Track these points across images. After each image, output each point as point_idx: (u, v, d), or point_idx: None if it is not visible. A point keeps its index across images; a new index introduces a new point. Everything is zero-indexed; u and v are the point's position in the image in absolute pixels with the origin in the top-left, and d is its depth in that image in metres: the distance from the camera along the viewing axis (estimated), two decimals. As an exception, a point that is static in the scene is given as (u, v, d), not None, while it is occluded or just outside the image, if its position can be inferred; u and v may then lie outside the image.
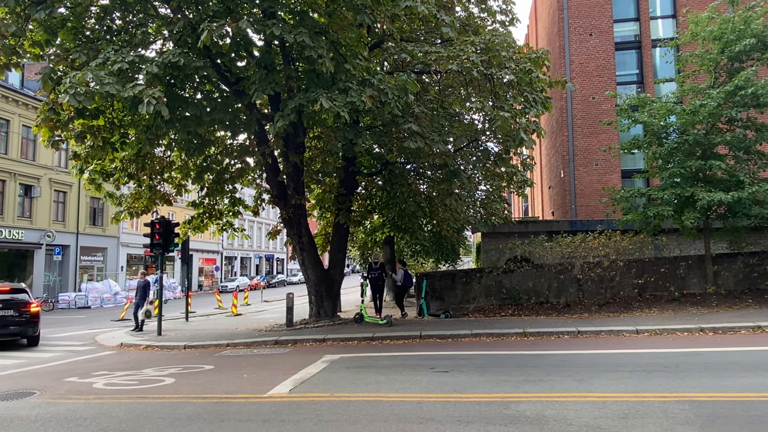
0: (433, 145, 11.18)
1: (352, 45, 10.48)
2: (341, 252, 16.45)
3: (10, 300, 12.75)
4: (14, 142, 29.37)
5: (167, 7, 11.79)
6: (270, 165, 14.57)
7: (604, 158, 21.35)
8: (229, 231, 17.50)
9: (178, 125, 11.79)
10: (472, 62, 10.12)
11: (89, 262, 35.44)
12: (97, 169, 14.03)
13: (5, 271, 29.28)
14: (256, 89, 10.10)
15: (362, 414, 5.89)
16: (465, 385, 6.96)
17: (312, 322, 14.76)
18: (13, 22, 9.86)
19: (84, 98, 8.54)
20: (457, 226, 15.94)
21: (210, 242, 48.14)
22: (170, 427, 5.67)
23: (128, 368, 9.43)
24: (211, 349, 11.81)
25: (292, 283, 55.37)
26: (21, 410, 6.54)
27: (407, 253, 26.47)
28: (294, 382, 7.66)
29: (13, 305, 12.73)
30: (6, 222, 28.59)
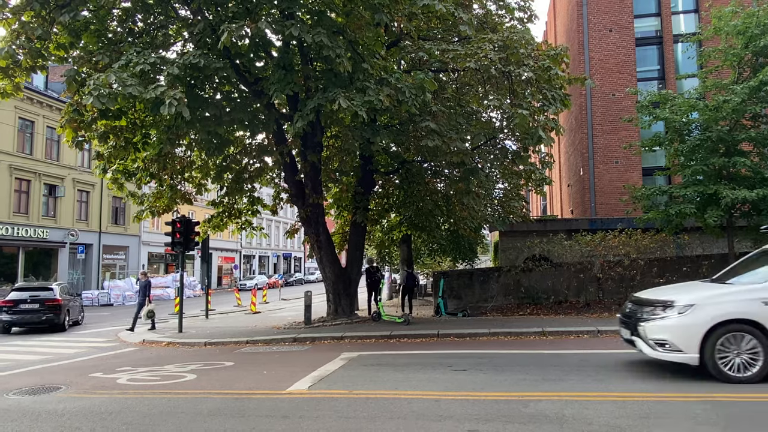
0: (450, 143, 11.16)
1: (369, 44, 10.52)
2: (358, 250, 16.51)
3: (38, 296, 16.36)
4: (39, 143, 30.04)
5: (187, 8, 11.96)
6: (288, 164, 14.70)
7: (624, 156, 21.06)
8: (248, 230, 17.68)
9: (199, 125, 11.96)
10: (490, 60, 10.07)
11: (112, 260, 36.11)
12: (119, 169, 14.29)
13: (31, 269, 29.98)
14: (275, 89, 10.20)
15: (381, 411, 5.93)
16: (483, 384, 6.95)
17: (330, 320, 14.85)
18: (38, 25, 10.10)
19: (107, 99, 8.71)
20: (474, 225, 15.88)
21: (229, 241, 48.67)
22: (192, 422, 5.77)
23: (150, 364, 9.61)
24: (231, 346, 11.96)
25: (309, 281, 55.69)
26: (48, 404, 6.72)
27: (424, 252, 26.46)
28: (313, 379, 7.73)
29: (40, 300, 16.25)
30: (31, 221, 29.28)
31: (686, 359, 6.62)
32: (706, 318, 6.52)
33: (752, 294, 6.65)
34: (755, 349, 6.38)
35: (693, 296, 7.00)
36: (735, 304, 6.62)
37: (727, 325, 6.48)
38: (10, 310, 16.11)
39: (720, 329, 6.47)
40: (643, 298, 7.66)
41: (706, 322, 6.49)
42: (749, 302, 6.55)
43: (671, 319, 6.75)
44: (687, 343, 6.56)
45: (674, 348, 6.66)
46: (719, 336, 6.45)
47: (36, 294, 16.47)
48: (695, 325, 6.54)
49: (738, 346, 6.43)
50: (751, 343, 6.39)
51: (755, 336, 6.38)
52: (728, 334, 6.45)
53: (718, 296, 6.92)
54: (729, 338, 6.45)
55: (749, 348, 6.40)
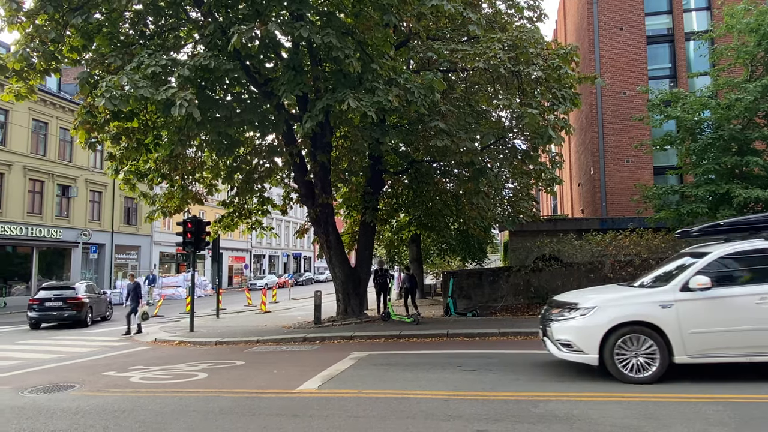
0: (459, 143, 11.16)
1: (378, 45, 10.55)
2: (368, 250, 16.55)
3: (62, 295, 17.86)
4: (52, 144, 30.43)
5: (198, 11, 12.06)
6: (298, 164, 14.77)
7: (635, 155, 20.90)
8: (258, 229, 17.79)
9: (209, 126, 12.06)
10: (499, 59, 10.06)
11: (124, 260, 36.47)
12: (131, 170, 14.45)
13: (44, 269, 30.39)
14: (285, 90, 10.26)
15: (390, 410, 5.95)
16: (493, 384, 6.95)
17: (339, 320, 14.90)
18: (52, 28, 10.24)
19: (119, 101, 8.82)
20: (484, 225, 15.86)
21: (239, 241, 48.95)
22: (203, 420, 5.84)
23: (162, 363, 9.71)
24: (241, 345, 12.05)
25: (319, 281, 55.85)
26: (62, 402, 6.82)
27: (434, 252, 26.43)
28: (323, 378, 7.77)
29: (63, 298, 17.73)
30: (45, 221, 29.66)
31: (587, 359, 6.85)
32: (605, 320, 6.72)
33: (651, 297, 6.82)
34: (653, 350, 6.55)
35: (597, 299, 7.20)
36: (634, 307, 6.80)
37: (625, 327, 6.66)
38: (37, 308, 17.48)
39: (618, 331, 6.66)
40: (555, 301, 7.89)
41: (605, 324, 6.69)
42: (647, 305, 6.72)
43: (574, 321, 6.99)
44: (587, 343, 6.78)
45: (577, 349, 6.89)
46: (618, 337, 6.64)
47: (60, 293, 17.92)
48: (595, 326, 6.74)
49: (636, 348, 6.61)
50: (648, 344, 6.57)
51: (652, 338, 6.56)
52: (626, 335, 6.64)
53: (619, 299, 7.12)
54: (627, 340, 6.64)
55: (647, 349, 6.58)
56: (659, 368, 6.51)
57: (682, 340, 6.49)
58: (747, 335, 6.44)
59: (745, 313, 6.46)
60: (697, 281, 6.51)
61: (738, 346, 6.49)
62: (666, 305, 6.60)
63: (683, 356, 6.51)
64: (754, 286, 6.65)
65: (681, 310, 6.55)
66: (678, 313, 6.54)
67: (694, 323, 6.50)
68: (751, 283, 6.76)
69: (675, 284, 6.75)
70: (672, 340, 6.50)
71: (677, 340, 6.49)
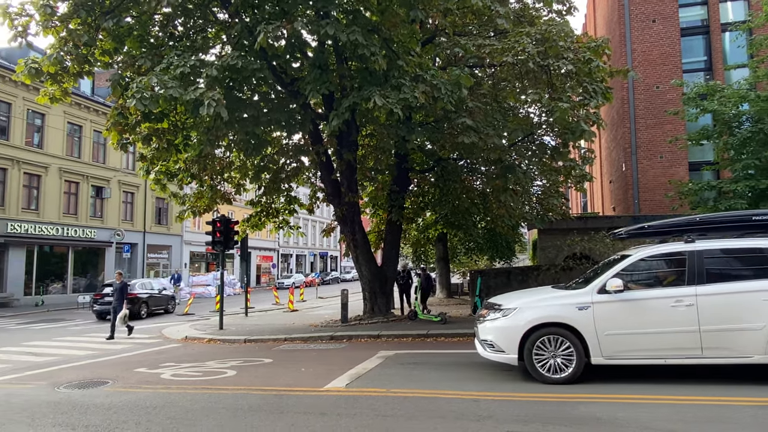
0: (487, 139, 10.98)
1: (404, 41, 10.46)
2: (394, 249, 16.49)
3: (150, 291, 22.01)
4: (86, 147, 31.29)
5: (225, 12, 12.18)
6: (324, 163, 14.80)
7: (669, 150, 20.29)
8: (285, 229, 17.91)
9: (237, 126, 12.17)
10: (528, 54, 9.85)
11: (155, 259, 37.27)
12: (162, 170, 14.70)
13: (80, 268, 31.28)
14: (311, 89, 10.27)
15: (419, 410, 5.87)
16: (525, 384, 6.80)
17: (366, 319, 14.88)
18: (84, 32, 10.46)
19: (149, 102, 8.96)
20: (512, 223, 15.60)
21: (267, 240, 49.50)
22: (233, 417, 5.86)
23: (192, 360, 9.83)
24: (269, 343, 12.13)
25: (345, 280, 56.10)
26: (96, 398, 6.95)
27: (461, 251, 26.21)
28: (350, 377, 7.74)
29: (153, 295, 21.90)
30: (80, 222, 30.53)
31: (508, 360, 7.01)
32: (523, 321, 6.88)
33: (570, 299, 6.91)
34: (570, 351, 6.67)
35: (520, 300, 7.33)
36: (552, 309, 6.91)
37: (544, 328, 6.79)
38: (99, 302, 19.97)
39: (537, 332, 6.79)
40: (487, 302, 8.04)
41: (524, 325, 6.84)
42: (565, 307, 6.82)
43: (497, 322, 7.15)
44: (507, 344, 6.95)
45: (498, 348, 7.06)
46: (537, 338, 6.78)
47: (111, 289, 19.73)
48: (515, 327, 6.90)
49: (554, 349, 6.74)
50: (565, 345, 6.69)
51: (569, 339, 6.67)
52: (545, 336, 6.77)
53: (540, 300, 7.26)
54: (545, 341, 6.77)
55: (564, 350, 6.70)
56: (575, 369, 6.64)
57: (598, 341, 6.58)
58: (662, 338, 6.46)
59: (660, 316, 6.49)
60: (612, 284, 6.58)
61: (653, 348, 6.52)
62: (583, 307, 6.70)
63: (599, 358, 6.61)
64: (670, 288, 6.69)
65: (597, 312, 6.63)
66: (594, 315, 6.63)
67: (610, 325, 6.58)
68: (667, 286, 6.80)
69: (593, 286, 6.83)
70: (588, 341, 6.61)
71: (593, 342, 6.59)
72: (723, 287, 6.47)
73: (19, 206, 26.93)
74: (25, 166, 27.29)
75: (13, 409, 6.38)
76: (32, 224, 27.42)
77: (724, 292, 6.43)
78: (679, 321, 6.40)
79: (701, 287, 6.46)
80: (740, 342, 6.26)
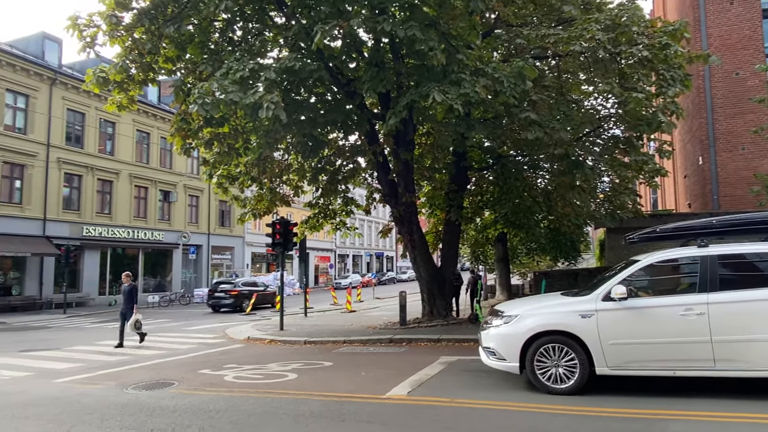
0: (553, 134, 10.38)
1: (463, 35, 10.05)
2: (453, 249, 16.10)
3: (225, 288, 24.57)
4: (154, 153, 32.77)
5: (282, 15, 12.22)
6: (381, 164, 14.62)
7: (752, 141, 18.66)
8: (343, 230, 17.90)
9: (295, 128, 12.19)
10: (598, 41, 9.21)
11: (219, 260, 38.55)
12: (224, 174, 15.02)
13: (149, 269, 32.77)
14: (368, 87, 10.09)
15: (489, 423, 5.51)
16: (605, 398, 6.26)
17: (425, 321, 14.56)
18: (148, 40, 10.78)
19: (211, 107, 9.06)
20: (579, 222, 14.80)
21: (324, 241, 50.14)
22: (294, 423, 5.73)
23: (254, 362, 9.87)
24: (329, 346, 12.06)
25: (401, 280, 55.92)
26: (162, 400, 7.04)
27: (521, 251, 25.36)
28: (412, 383, 7.47)
29: (225, 291, 24.30)
30: (149, 225, 31.99)
31: (509, 368, 6.79)
32: (524, 328, 6.65)
33: (573, 306, 6.63)
34: (573, 360, 6.40)
35: (522, 307, 7.14)
36: (554, 316, 6.65)
37: (546, 336, 6.55)
38: (210, 297, 24.67)
39: (539, 340, 6.56)
40: (492, 308, 7.87)
41: (525, 333, 6.62)
42: (568, 314, 6.55)
43: (498, 329, 6.95)
44: (508, 351, 6.75)
45: (500, 356, 6.87)
46: (539, 346, 6.55)
47: (224, 286, 24.82)
48: (516, 334, 6.69)
49: (557, 358, 6.49)
50: (569, 355, 6.43)
51: (572, 348, 6.41)
52: (546, 345, 6.53)
53: (542, 308, 7.01)
54: (548, 349, 6.53)
55: (567, 360, 6.44)
56: (579, 379, 6.37)
57: (602, 351, 6.30)
58: (670, 348, 6.11)
59: (669, 325, 6.14)
60: (617, 291, 6.28)
61: (661, 358, 6.16)
62: (586, 315, 6.42)
63: (604, 368, 6.33)
64: (680, 296, 6.36)
65: (601, 320, 6.34)
66: (598, 323, 6.34)
67: (614, 334, 6.29)
68: (676, 294, 6.50)
69: (598, 293, 6.54)
70: (592, 350, 6.34)
71: (597, 351, 6.32)
72: (738, 295, 6.03)
73: (93, 211, 28.52)
74: (98, 173, 28.87)
75: (84, 410, 6.54)
76: (105, 227, 28.97)
77: (739, 300, 5.99)
78: (689, 330, 6.02)
79: (714, 295, 6.05)
80: (757, 354, 5.80)
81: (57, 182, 26.59)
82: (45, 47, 27.48)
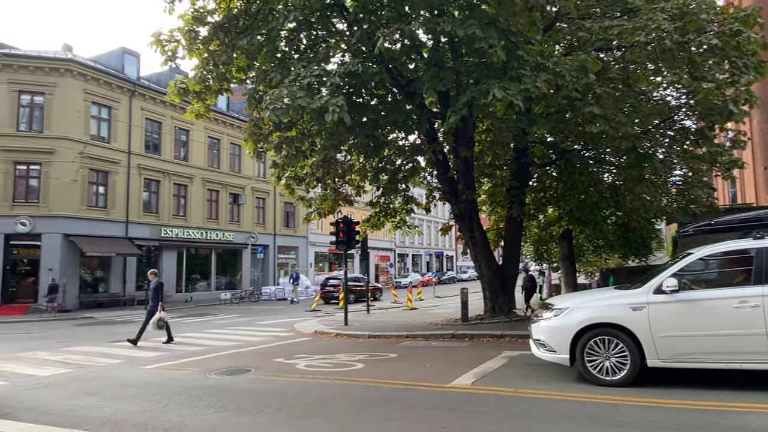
0: (619, 127, 10.20)
1: (523, 30, 10.09)
2: (515, 247, 16.01)
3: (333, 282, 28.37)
4: (224, 158, 34.53)
5: (345, 21, 12.70)
6: (440, 162, 14.82)
7: (843, 129, 17.31)
8: (403, 228, 18.21)
9: (358, 130, 12.63)
10: (664, 31, 8.99)
11: (284, 259, 40.01)
12: (291, 176, 15.74)
13: (221, 268, 34.56)
14: (428, 87, 10.33)
15: (551, 412, 5.64)
16: (668, 390, 6.22)
17: (487, 318, 14.61)
18: (223, 52, 11.58)
19: (281, 113, 9.62)
20: (648, 217, 14.31)
21: (384, 240, 50.79)
22: (364, 407, 6.09)
23: (323, 353, 10.38)
24: (392, 340, 12.41)
25: (462, 279, 55.65)
26: (241, 384, 7.63)
27: (588, 248, 24.66)
28: (475, 375, 7.66)
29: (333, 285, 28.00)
30: (220, 226, 33.74)
31: (559, 359, 6.91)
32: (574, 321, 6.76)
33: (624, 299, 6.68)
34: (624, 353, 6.46)
35: (573, 300, 7.28)
36: (604, 309, 6.72)
37: (596, 329, 6.62)
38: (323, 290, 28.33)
39: (589, 332, 6.64)
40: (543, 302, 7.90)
41: (575, 325, 6.72)
42: (618, 307, 6.61)
43: (548, 321, 7.11)
44: (558, 344, 6.87)
45: (550, 348, 7.00)
46: (589, 339, 6.64)
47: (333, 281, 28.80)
48: (566, 326, 6.80)
49: (607, 350, 6.56)
50: (619, 347, 6.49)
51: (622, 341, 6.47)
52: (597, 337, 6.61)
53: (592, 300, 7.13)
54: (598, 341, 6.62)
55: (618, 352, 6.50)
56: (630, 371, 6.43)
57: (653, 343, 6.33)
58: (724, 341, 6.08)
59: (722, 318, 6.12)
60: (668, 283, 6.32)
61: (713, 351, 6.14)
62: (637, 307, 6.47)
63: (655, 360, 6.36)
64: (734, 288, 6.30)
65: (653, 313, 6.38)
66: (649, 315, 6.38)
67: (666, 326, 6.31)
68: (730, 286, 6.43)
69: (649, 286, 6.57)
70: (643, 343, 6.37)
71: (649, 344, 6.35)
72: None
73: (170, 213, 30.46)
74: (174, 177, 30.79)
75: (174, 392, 7.22)
76: (181, 229, 30.86)
77: None
78: (744, 323, 5.98)
79: None
80: None
81: (138, 187, 28.63)
82: (125, 61, 29.67)
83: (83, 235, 25.36)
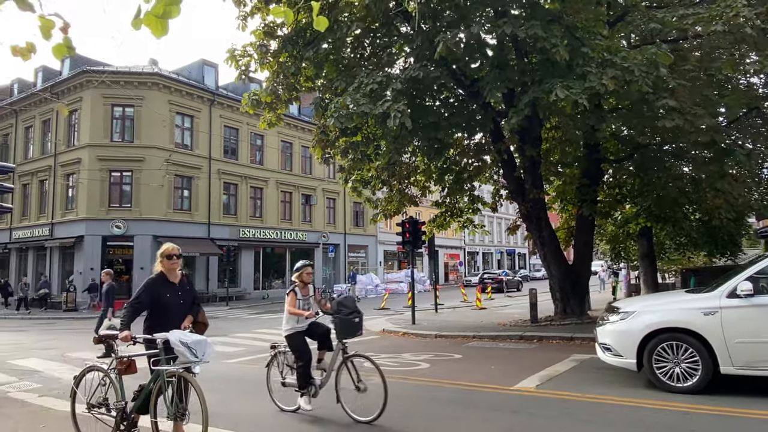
0: (695, 120, 9.67)
1: (588, 26, 9.82)
2: (587, 246, 15.50)
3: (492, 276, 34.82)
4: (296, 161, 35.88)
5: (407, 25, 12.90)
6: (506, 161, 14.65)
7: None
8: (470, 227, 18.14)
9: (420, 133, 12.80)
10: (743, 18, 8.44)
11: (354, 258, 40.93)
12: (357, 179, 16.16)
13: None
14: (491, 88, 10.30)
15: (617, 418, 5.55)
16: (742, 398, 5.92)
17: (557, 320, 14.28)
18: (292, 63, 12.16)
19: (345, 119, 10.00)
20: (733, 216, 13.37)
21: (452, 239, 50.46)
22: (429, 406, 6.28)
23: (390, 351, 10.65)
24: (458, 340, 12.47)
25: (534, 278, 53.99)
26: (313, 379, 8.01)
27: (670, 246, 23.35)
28: (541, 378, 7.61)
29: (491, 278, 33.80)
30: (294, 226, 35.10)
31: (626, 364, 6.74)
32: (641, 325, 6.57)
33: (694, 303, 6.46)
34: (694, 358, 6.21)
35: (640, 304, 7.16)
36: (673, 313, 6.53)
37: (665, 334, 6.41)
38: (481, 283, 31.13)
39: (657, 337, 6.43)
40: (609, 305, 7.91)
41: (642, 329, 6.53)
42: (688, 311, 6.39)
43: (614, 325, 6.93)
44: (624, 348, 6.69)
45: (616, 352, 6.82)
46: (657, 343, 6.43)
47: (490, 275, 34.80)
48: (632, 331, 6.61)
49: (677, 356, 6.34)
50: (689, 352, 6.25)
51: (693, 346, 6.22)
52: (665, 342, 6.40)
53: (660, 304, 6.93)
54: (666, 347, 6.40)
55: (688, 358, 6.26)
56: (702, 378, 6.17)
57: (727, 349, 6.04)
58: None
59: None
60: (743, 287, 6.01)
61: None
62: (709, 312, 6.20)
63: (729, 367, 6.06)
64: None
65: (726, 318, 6.09)
66: (723, 320, 6.10)
67: (741, 332, 6.01)
68: None
69: (722, 290, 6.28)
70: (716, 349, 6.09)
71: (722, 350, 6.06)
72: None
73: (247, 215, 32.10)
74: (251, 181, 32.39)
75: (249, 383, 7.75)
76: (257, 229, 32.43)
77: None
78: None
79: None
80: None
81: (218, 191, 30.42)
82: (204, 72, 31.57)
83: (170, 236, 27.25)
